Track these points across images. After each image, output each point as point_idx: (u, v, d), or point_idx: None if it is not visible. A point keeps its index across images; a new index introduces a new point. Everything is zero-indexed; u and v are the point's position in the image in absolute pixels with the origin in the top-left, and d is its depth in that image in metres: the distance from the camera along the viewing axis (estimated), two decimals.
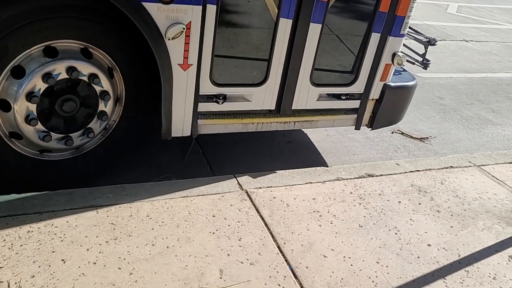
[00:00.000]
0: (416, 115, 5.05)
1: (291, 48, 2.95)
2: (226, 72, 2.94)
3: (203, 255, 2.28)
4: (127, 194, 2.65)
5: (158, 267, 2.16)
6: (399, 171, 3.35)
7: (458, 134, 4.77)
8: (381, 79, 3.31)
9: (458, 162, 3.62)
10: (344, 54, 3.23)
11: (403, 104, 3.59)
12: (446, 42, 8.36)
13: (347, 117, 3.44)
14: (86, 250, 2.19)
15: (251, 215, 2.63)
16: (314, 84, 3.16)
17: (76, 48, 2.57)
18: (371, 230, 2.67)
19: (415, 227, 2.75)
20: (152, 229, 2.40)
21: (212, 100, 2.95)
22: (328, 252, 2.44)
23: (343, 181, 3.13)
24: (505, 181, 3.42)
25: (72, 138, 2.74)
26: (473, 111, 5.41)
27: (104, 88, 2.72)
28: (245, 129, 3.17)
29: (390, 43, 3.15)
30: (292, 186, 2.98)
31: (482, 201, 3.13)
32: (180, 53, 2.65)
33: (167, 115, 2.83)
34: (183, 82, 2.75)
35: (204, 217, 2.56)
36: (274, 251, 2.39)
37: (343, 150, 4.05)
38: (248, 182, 2.95)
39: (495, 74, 6.96)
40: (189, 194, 2.73)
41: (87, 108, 2.75)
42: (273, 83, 3.04)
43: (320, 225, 2.64)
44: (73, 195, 2.57)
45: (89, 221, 2.38)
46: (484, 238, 2.75)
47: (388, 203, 2.95)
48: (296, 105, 3.21)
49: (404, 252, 2.53)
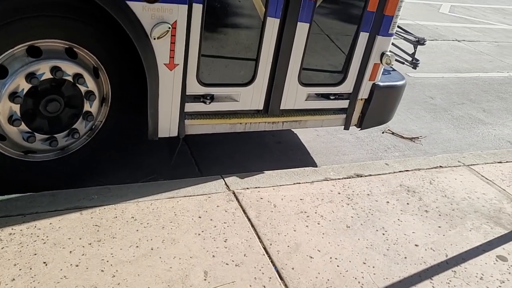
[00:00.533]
0: (407, 115, 5.05)
1: (278, 47, 2.93)
2: (213, 72, 2.92)
3: (188, 256, 2.26)
4: (112, 195, 2.62)
5: (142, 269, 2.13)
6: (388, 171, 3.34)
7: (449, 134, 4.77)
8: (370, 79, 3.30)
9: (448, 162, 3.61)
10: (333, 54, 3.22)
11: (393, 103, 3.58)
12: (438, 42, 8.38)
13: (336, 117, 3.43)
14: (69, 252, 2.16)
15: (237, 216, 2.61)
16: (302, 84, 3.14)
17: (61, 48, 2.54)
18: (359, 230, 2.66)
19: (402, 228, 2.74)
20: (137, 230, 2.37)
21: (199, 100, 2.92)
22: (315, 253, 2.43)
23: (332, 182, 3.11)
24: (494, 180, 3.42)
25: (57, 139, 2.70)
26: (464, 111, 5.41)
27: (89, 88, 2.69)
28: (233, 129, 3.15)
29: (379, 43, 3.14)
30: (280, 186, 2.96)
31: (471, 201, 3.13)
32: (166, 52, 2.63)
33: (154, 115, 2.81)
34: (169, 82, 2.73)
35: (190, 218, 2.53)
36: (260, 252, 2.37)
37: (333, 150, 4.04)
38: (235, 183, 2.93)
39: (486, 74, 6.98)
40: (176, 195, 2.71)
41: (72, 109, 2.72)
42: (261, 83, 3.02)
43: (307, 226, 2.62)
44: (57, 197, 2.53)
45: (73, 222, 2.35)
46: (472, 238, 2.74)
47: (376, 203, 2.94)
48: (285, 105, 3.19)
49: (391, 253, 2.51)
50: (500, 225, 2.91)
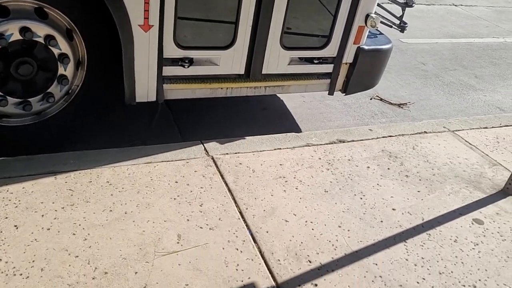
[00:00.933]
0: (397, 81, 4.98)
1: (259, 9, 2.84)
2: (191, 34, 2.84)
3: (162, 220, 2.26)
4: (88, 160, 2.60)
5: (114, 233, 2.13)
6: (371, 137, 3.31)
7: (438, 100, 4.71)
8: (355, 42, 3.22)
9: (433, 128, 3.58)
10: (316, 16, 3.12)
11: (378, 68, 3.51)
12: (435, 6, 8.18)
13: (320, 82, 3.36)
14: (41, 216, 2.15)
15: (215, 181, 2.59)
16: (284, 48, 3.06)
17: (30, 8, 2.45)
18: (336, 195, 2.65)
19: (381, 192, 2.73)
20: (111, 195, 2.36)
21: (177, 63, 2.85)
22: (290, 217, 2.43)
23: (313, 147, 3.09)
24: (478, 146, 3.40)
25: (31, 103, 2.65)
26: (455, 77, 5.34)
27: (63, 50, 2.62)
28: (213, 94, 3.09)
29: (363, 4, 3.05)
30: (260, 152, 2.94)
31: (452, 165, 3.12)
32: (140, 13, 2.54)
33: (130, 79, 2.75)
34: (144, 44, 2.65)
35: (167, 183, 2.52)
36: (235, 217, 2.36)
37: (319, 116, 3.99)
38: (215, 148, 2.90)
39: (482, 39, 6.85)
40: (153, 160, 2.68)
41: (46, 72, 2.66)
42: (241, 46, 2.94)
43: (284, 191, 2.61)
44: (32, 161, 2.51)
45: (47, 187, 2.33)
46: (450, 202, 2.74)
47: (357, 168, 2.93)
48: (267, 70, 3.12)
49: (367, 217, 2.51)
50: (480, 189, 2.91)
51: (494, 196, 2.84)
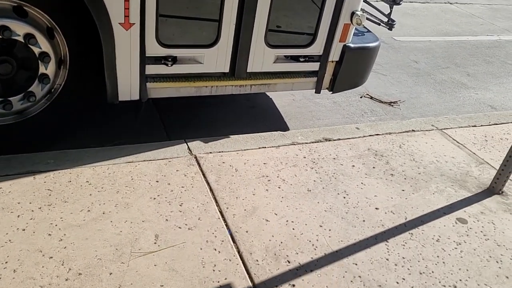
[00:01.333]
0: (388, 79, 4.95)
1: (242, 7, 2.81)
2: (174, 33, 2.81)
3: (140, 220, 2.23)
4: (69, 159, 2.58)
5: (91, 233, 2.11)
6: (357, 135, 3.29)
7: (429, 98, 4.69)
8: (341, 40, 3.19)
9: (421, 126, 3.55)
10: (301, 14, 3.10)
11: (365, 66, 3.49)
12: (430, 4, 8.15)
13: (307, 80, 3.34)
14: (17, 216, 2.13)
15: (196, 180, 2.57)
16: (269, 46, 3.04)
17: (8, 6, 2.43)
18: (319, 194, 2.63)
19: (365, 191, 2.71)
20: (90, 195, 2.34)
21: (160, 62, 2.83)
22: (271, 216, 2.40)
23: (298, 146, 3.06)
24: (466, 144, 3.37)
25: (11, 102, 2.63)
26: (447, 75, 5.31)
27: (43, 49, 2.59)
28: (198, 92, 3.07)
29: (348, 2, 3.02)
30: (244, 151, 2.91)
31: (438, 164, 3.09)
32: (120, 11, 2.52)
33: (111, 77, 2.72)
34: (126, 42, 2.62)
35: (147, 182, 2.49)
36: (215, 216, 2.34)
37: (307, 115, 3.97)
38: (199, 147, 2.88)
39: (475, 37, 6.82)
40: (135, 160, 2.66)
41: (27, 71, 2.63)
42: (225, 44, 2.92)
43: (267, 190, 2.59)
44: (11, 161, 2.49)
45: (24, 187, 2.31)
46: (434, 201, 2.72)
47: (341, 167, 2.90)
48: (252, 68, 3.09)
49: (349, 216, 2.49)
50: (465, 188, 2.88)
51: (479, 195, 2.82)
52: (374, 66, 4.89)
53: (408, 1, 8.07)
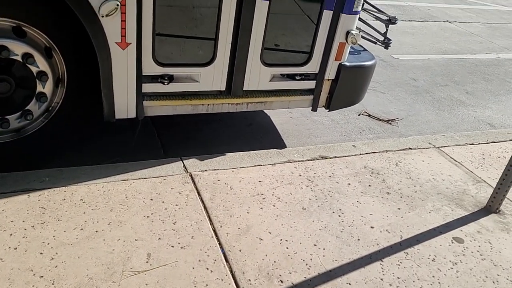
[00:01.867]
0: (386, 96, 4.97)
1: (238, 26, 2.85)
2: (170, 52, 2.85)
3: (132, 239, 2.23)
4: (64, 177, 2.59)
5: (83, 252, 2.10)
6: (354, 153, 3.29)
7: (428, 116, 4.69)
8: (336, 59, 3.22)
9: (418, 144, 3.55)
10: (297, 33, 3.14)
11: (361, 84, 3.51)
12: (428, 23, 8.23)
13: (303, 98, 3.36)
14: (9, 235, 2.13)
15: (191, 198, 2.57)
16: (265, 64, 3.07)
17: (7, 26, 2.47)
18: (315, 212, 2.62)
19: (360, 209, 2.70)
20: (84, 213, 2.34)
21: (157, 80, 2.86)
22: (265, 235, 2.39)
23: (294, 163, 3.06)
24: (463, 162, 3.36)
25: (8, 120, 2.65)
26: (446, 93, 5.32)
27: (41, 68, 2.62)
28: (195, 110, 3.09)
29: (343, 21, 3.06)
30: (239, 168, 2.91)
31: (435, 182, 3.08)
32: (117, 31, 2.56)
33: (108, 96, 2.75)
34: (122, 61, 2.66)
35: (141, 200, 2.49)
36: (208, 235, 2.33)
37: (305, 132, 3.98)
38: (194, 165, 2.89)
39: (474, 55, 6.86)
40: (130, 177, 2.67)
41: (25, 90, 2.66)
42: (221, 62, 2.95)
43: (261, 208, 2.58)
44: (6, 179, 2.50)
45: (18, 205, 2.31)
46: (430, 219, 2.69)
47: (337, 185, 2.89)
48: (248, 86, 3.12)
49: (344, 235, 2.47)
50: (462, 206, 2.87)
51: (476, 214, 2.80)
52: (372, 83, 4.94)
53: (407, 20, 8.15)
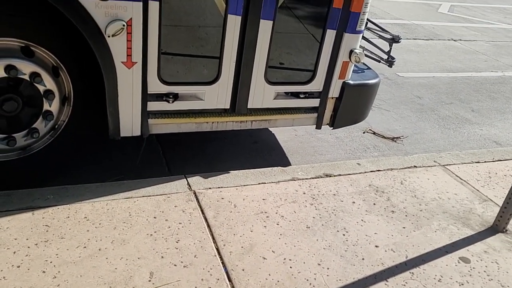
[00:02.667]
0: (391, 114, 4.97)
1: (242, 45, 2.89)
2: (175, 70, 2.88)
3: (135, 257, 2.22)
4: (68, 195, 2.60)
5: (85, 270, 2.10)
6: (358, 171, 3.28)
7: (433, 134, 4.68)
8: (340, 77, 3.24)
9: (423, 162, 3.53)
10: (300, 52, 3.17)
11: (365, 102, 3.51)
12: (433, 41, 8.27)
13: (307, 116, 3.37)
14: (13, 253, 2.13)
15: (194, 217, 2.56)
16: (269, 83, 3.09)
17: (16, 47, 2.51)
18: (318, 231, 2.60)
19: (365, 228, 2.67)
20: (87, 231, 2.34)
21: (162, 99, 2.89)
22: (269, 254, 2.37)
23: (298, 181, 3.05)
24: (469, 180, 3.34)
25: (15, 138, 2.68)
26: (451, 111, 5.32)
27: (48, 87, 2.66)
28: (199, 128, 3.11)
29: (346, 40, 3.08)
30: (243, 186, 2.91)
31: (440, 201, 3.05)
32: (123, 50, 2.60)
33: (113, 114, 2.78)
34: (128, 80, 2.69)
35: (145, 218, 2.49)
36: (211, 253, 2.32)
37: (310, 150, 3.98)
38: (198, 183, 2.89)
39: (480, 73, 6.86)
40: (134, 195, 2.67)
41: (31, 108, 2.69)
42: (226, 81, 2.98)
43: (265, 227, 2.57)
44: (11, 197, 2.51)
45: (23, 223, 2.32)
46: (436, 239, 2.66)
47: (341, 203, 2.88)
48: (252, 104, 3.14)
49: (348, 254, 2.45)
50: (468, 226, 2.83)
51: (483, 233, 2.76)
52: (377, 101, 4.96)
53: (412, 38, 8.21)
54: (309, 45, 3.13)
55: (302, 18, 3.09)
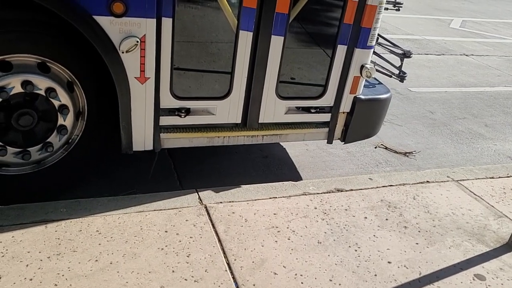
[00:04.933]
0: (403, 129, 4.94)
1: (254, 60, 2.92)
2: (187, 85, 2.92)
3: (146, 271, 2.22)
4: (81, 208, 2.62)
5: (97, 284, 2.10)
6: (370, 186, 3.25)
7: (446, 148, 4.64)
8: (351, 92, 3.24)
9: (436, 177, 3.49)
10: (311, 67, 3.19)
11: (377, 117, 3.51)
12: (445, 56, 8.25)
13: (318, 130, 3.37)
14: (26, 266, 2.15)
15: (205, 231, 2.56)
16: (280, 97, 3.11)
17: (33, 62, 2.57)
18: (330, 246, 2.57)
19: (377, 244, 2.64)
20: (99, 244, 2.35)
21: (174, 113, 2.92)
22: (280, 269, 2.35)
23: (310, 196, 3.04)
24: (483, 196, 3.29)
25: (30, 152, 2.72)
26: (464, 126, 5.27)
27: (63, 102, 2.71)
28: (210, 143, 3.13)
29: (357, 55, 3.10)
30: (254, 201, 2.91)
31: (454, 217, 3.00)
32: (136, 66, 2.64)
33: (126, 129, 2.81)
34: (141, 95, 2.73)
35: (156, 232, 2.50)
36: (222, 268, 2.31)
37: (321, 165, 3.96)
38: (209, 197, 2.89)
39: (492, 88, 6.81)
40: (146, 209, 2.68)
41: (47, 122, 2.74)
42: (237, 96, 3.00)
43: (276, 241, 2.55)
44: (25, 210, 2.54)
45: (36, 236, 2.34)
46: (450, 255, 2.62)
47: (353, 218, 2.85)
48: (263, 119, 3.15)
49: (361, 270, 2.42)
50: (483, 242, 2.78)
51: (498, 250, 2.71)
52: (389, 116, 4.94)
53: (424, 53, 8.20)
54: (320, 60, 3.15)
55: (313, 34, 3.12)
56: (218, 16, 2.76)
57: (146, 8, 2.49)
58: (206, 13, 2.78)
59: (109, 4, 2.41)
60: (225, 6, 2.71)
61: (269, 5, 2.76)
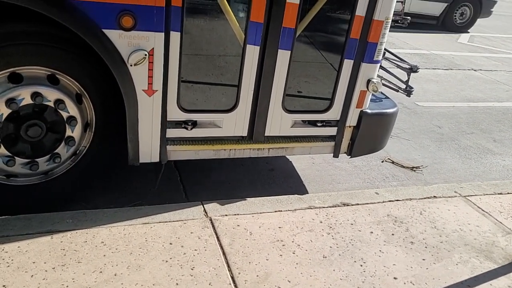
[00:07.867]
0: (411, 144, 4.92)
1: (260, 74, 2.94)
2: (194, 98, 2.94)
3: (150, 284, 2.21)
4: (87, 219, 2.63)
5: None
6: (377, 200, 3.23)
7: (453, 163, 4.60)
8: (357, 106, 3.25)
9: (443, 192, 3.46)
10: (318, 81, 3.20)
11: (383, 131, 3.50)
12: (453, 71, 8.23)
13: (325, 144, 3.37)
14: (30, 276, 2.15)
15: (210, 243, 2.55)
16: (287, 111, 3.12)
17: (43, 74, 2.61)
18: (335, 261, 2.55)
19: (383, 259, 2.61)
20: (104, 255, 2.35)
21: (180, 126, 2.94)
22: (284, 283, 2.33)
23: (315, 210, 3.03)
24: (491, 212, 3.25)
25: (37, 163, 2.75)
26: (472, 141, 5.23)
27: (71, 113, 2.74)
28: (217, 155, 3.14)
29: (364, 70, 3.11)
30: (260, 214, 2.90)
31: (462, 233, 2.97)
32: (144, 79, 2.67)
33: (133, 140, 2.83)
34: (148, 108, 2.76)
35: (161, 244, 2.50)
36: (226, 282, 2.30)
37: (327, 178, 3.95)
38: (214, 209, 2.89)
39: (501, 103, 6.77)
40: (151, 221, 2.69)
41: (55, 134, 2.77)
42: (244, 109, 3.02)
43: (281, 255, 2.54)
44: (31, 220, 2.56)
45: (41, 246, 2.36)
46: (457, 272, 2.58)
47: (359, 233, 2.83)
48: (269, 132, 3.16)
49: (366, 285, 2.39)
50: (491, 259, 2.74)
51: (506, 267, 2.67)
52: (396, 130, 4.93)
53: (431, 68, 8.20)
54: (326, 74, 3.17)
55: (320, 48, 3.14)
56: (226, 30, 2.79)
57: (155, 22, 2.53)
58: (213, 27, 2.81)
59: (118, 18, 2.45)
60: (232, 21, 2.74)
61: (276, 19, 2.79)
